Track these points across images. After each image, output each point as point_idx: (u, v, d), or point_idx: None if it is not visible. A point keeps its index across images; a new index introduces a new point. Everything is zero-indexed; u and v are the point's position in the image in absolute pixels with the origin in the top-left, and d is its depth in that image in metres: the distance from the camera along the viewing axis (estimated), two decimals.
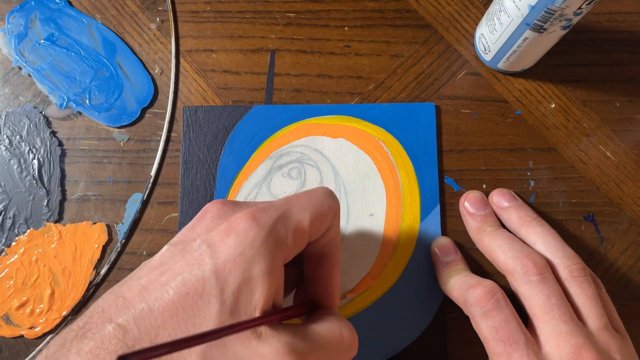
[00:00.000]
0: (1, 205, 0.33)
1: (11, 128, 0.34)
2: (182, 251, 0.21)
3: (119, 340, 0.19)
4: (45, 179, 0.34)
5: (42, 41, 0.36)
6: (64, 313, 0.32)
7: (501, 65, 0.35)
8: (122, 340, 0.19)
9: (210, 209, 0.23)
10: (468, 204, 0.33)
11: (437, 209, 0.34)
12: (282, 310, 0.22)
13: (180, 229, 0.32)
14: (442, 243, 0.32)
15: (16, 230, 0.33)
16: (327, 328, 0.23)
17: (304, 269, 0.27)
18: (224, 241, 0.21)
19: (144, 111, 0.35)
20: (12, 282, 0.32)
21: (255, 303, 0.20)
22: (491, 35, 0.33)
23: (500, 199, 0.33)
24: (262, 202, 0.24)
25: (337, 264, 0.26)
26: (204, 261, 0.21)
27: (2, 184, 0.34)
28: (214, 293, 0.20)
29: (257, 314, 0.20)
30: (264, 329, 0.20)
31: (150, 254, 0.33)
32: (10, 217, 0.33)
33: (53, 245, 0.33)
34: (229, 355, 0.20)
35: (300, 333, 0.22)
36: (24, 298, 0.32)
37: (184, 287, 0.20)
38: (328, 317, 0.24)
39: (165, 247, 0.22)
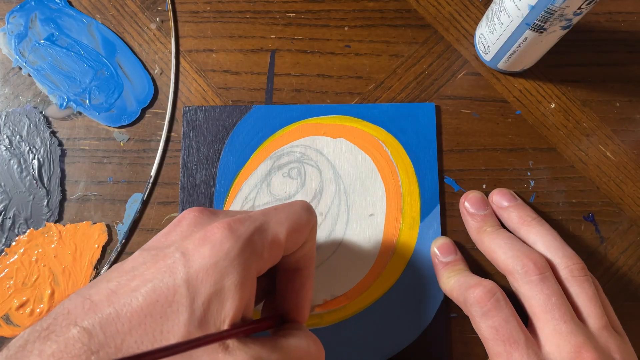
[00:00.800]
0: (1, 205, 0.33)
1: (11, 128, 0.34)
2: (155, 257, 0.21)
3: (83, 345, 0.18)
4: (45, 179, 0.34)
5: (42, 41, 0.36)
6: None
7: (501, 65, 0.35)
8: (87, 344, 0.18)
9: (187, 216, 0.23)
10: (468, 204, 0.33)
11: (437, 209, 0.34)
12: (250, 323, 0.22)
13: None
14: (442, 243, 0.32)
15: (16, 230, 0.33)
16: (295, 343, 0.23)
17: (276, 282, 0.27)
18: (198, 250, 0.21)
19: (144, 111, 0.35)
20: (12, 282, 0.32)
21: (225, 315, 0.20)
22: (491, 35, 0.33)
23: (500, 198, 0.33)
24: (241, 212, 0.24)
25: (309, 279, 0.26)
26: (176, 269, 0.20)
27: (2, 184, 0.34)
28: (184, 302, 0.20)
29: (226, 325, 0.20)
30: (232, 342, 0.20)
31: None
32: (10, 217, 0.33)
33: (53, 245, 0.33)
34: None
35: (268, 346, 0.22)
36: (24, 298, 0.32)
37: (154, 294, 0.20)
38: (296, 332, 0.24)
39: (137, 252, 0.22)
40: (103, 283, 0.20)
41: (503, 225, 0.32)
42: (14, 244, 0.33)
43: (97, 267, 0.33)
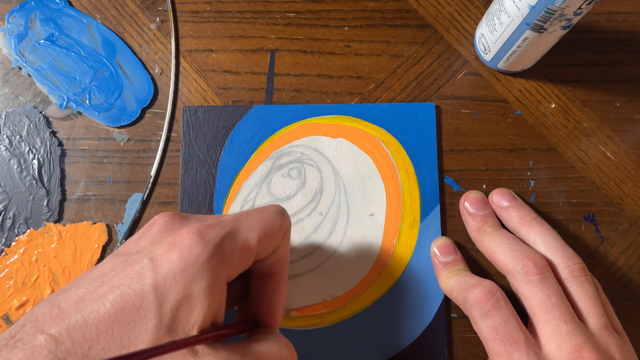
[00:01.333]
0: (1, 205, 0.33)
1: (11, 128, 0.34)
2: (124, 263, 0.21)
3: (49, 352, 0.18)
4: (45, 179, 0.34)
5: (42, 41, 0.36)
6: None
7: (501, 65, 0.35)
8: (53, 352, 0.18)
9: (157, 222, 0.23)
10: (468, 204, 0.33)
11: (437, 209, 0.34)
12: (220, 328, 0.22)
13: None
14: (442, 243, 0.32)
15: (16, 230, 0.33)
16: (266, 348, 0.23)
17: (249, 287, 0.26)
18: (166, 256, 0.21)
19: (144, 111, 0.35)
20: (12, 282, 0.32)
21: (194, 321, 0.20)
22: (491, 35, 0.33)
23: (500, 198, 0.33)
24: (213, 217, 0.24)
25: (282, 283, 0.26)
26: (144, 275, 0.20)
27: (2, 184, 0.34)
28: (152, 308, 0.20)
29: (194, 331, 0.20)
30: (201, 347, 0.20)
31: None
32: (10, 217, 0.33)
33: (53, 245, 0.33)
34: None
35: (239, 352, 0.21)
36: (24, 298, 0.32)
37: (122, 300, 0.20)
38: (268, 337, 0.24)
39: (107, 258, 0.22)
40: (72, 290, 0.20)
41: (503, 225, 0.32)
42: (14, 244, 0.33)
43: None
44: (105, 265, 0.21)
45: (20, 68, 0.35)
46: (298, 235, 0.33)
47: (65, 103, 0.35)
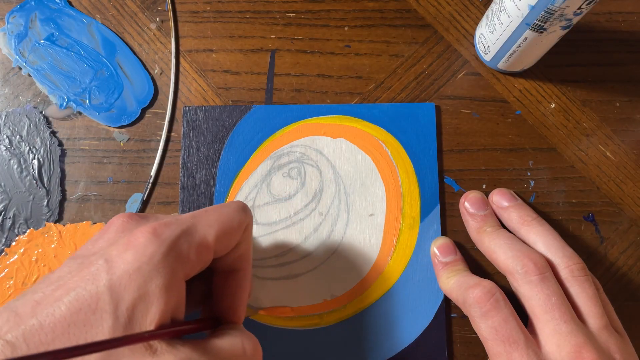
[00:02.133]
0: (1, 205, 0.33)
1: (11, 128, 0.34)
2: (80, 265, 0.21)
3: (6, 357, 0.18)
4: (45, 179, 0.34)
5: (42, 41, 0.36)
6: None
7: (501, 65, 0.35)
8: (10, 357, 0.18)
9: (114, 222, 0.23)
10: (468, 204, 0.33)
11: (437, 209, 0.34)
12: (178, 324, 0.22)
13: None
14: (442, 243, 0.32)
15: (16, 230, 0.33)
16: (229, 342, 0.23)
17: (212, 284, 0.26)
18: (121, 256, 0.21)
19: (144, 111, 0.35)
20: (12, 282, 0.32)
21: (151, 319, 0.20)
22: (491, 35, 0.33)
23: (500, 198, 0.33)
24: (171, 216, 0.24)
25: (245, 280, 0.26)
26: (99, 276, 0.20)
27: (2, 184, 0.34)
28: (107, 309, 0.20)
29: (151, 328, 0.20)
30: (159, 345, 0.20)
31: None
32: (10, 217, 0.33)
33: (53, 245, 0.33)
34: None
35: (199, 348, 0.21)
36: None
37: (77, 302, 0.20)
38: (230, 332, 0.24)
39: (65, 261, 0.22)
40: (29, 295, 0.21)
41: (503, 225, 0.32)
42: (14, 244, 0.33)
43: None
44: (63, 268, 0.22)
45: (20, 68, 0.35)
46: (298, 235, 0.33)
47: (65, 103, 0.35)
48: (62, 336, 0.19)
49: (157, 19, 0.37)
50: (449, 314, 0.33)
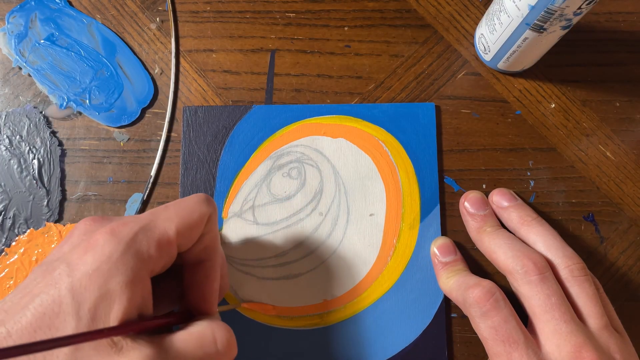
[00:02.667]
0: (1, 205, 0.33)
1: (11, 128, 0.34)
2: (44, 272, 0.21)
3: None
4: (45, 179, 0.34)
5: (42, 41, 0.36)
6: None
7: (501, 65, 0.35)
8: None
9: (78, 227, 0.23)
10: (468, 204, 0.33)
11: (437, 209, 0.34)
12: (144, 320, 0.22)
13: None
14: (442, 243, 0.32)
15: (16, 230, 0.33)
16: (198, 332, 0.23)
17: (183, 279, 0.26)
18: (81, 258, 0.21)
19: (144, 111, 0.35)
20: (12, 282, 0.32)
21: (115, 316, 0.20)
22: (491, 35, 0.33)
23: (500, 198, 0.33)
24: (133, 216, 0.24)
25: (213, 270, 0.25)
26: (61, 280, 0.21)
27: (2, 184, 0.34)
28: (70, 311, 0.20)
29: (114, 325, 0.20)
30: (125, 342, 0.20)
31: None
32: (10, 217, 0.33)
33: (53, 245, 0.33)
34: None
35: (166, 343, 0.22)
36: None
37: (41, 307, 0.20)
38: (201, 322, 0.24)
39: (32, 269, 0.23)
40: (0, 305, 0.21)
41: (503, 225, 0.32)
42: (14, 244, 0.33)
43: None
44: (30, 276, 0.22)
45: (20, 68, 0.35)
46: (298, 235, 0.33)
47: (65, 103, 0.35)
48: (29, 341, 0.19)
49: (157, 19, 0.37)
50: (449, 314, 0.33)
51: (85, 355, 0.20)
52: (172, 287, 0.27)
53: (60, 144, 0.34)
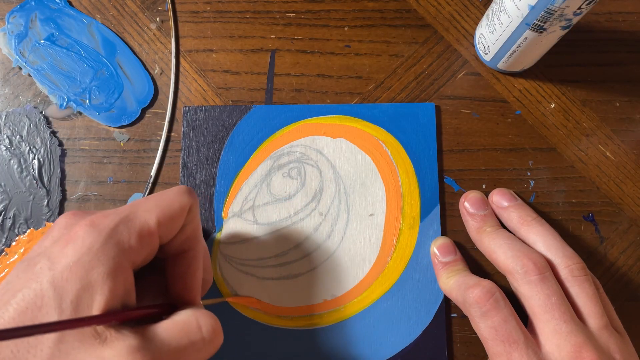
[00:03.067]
0: (1, 205, 0.33)
1: (11, 128, 0.34)
2: (26, 267, 0.21)
3: None
4: (46, 179, 0.34)
5: (42, 41, 0.36)
6: None
7: (501, 65, 0.35)
8: None
9: (58, 222, 0.23)
10: (468, 204, 0.33)
11: (437, 209, 0.34)
12: (126, 310, 0.22)
13: None
14: (442, 243, 0.32)
15: (16, 230, 0.33)
16: (182, 322, 0.23)
17: (166, 271, 0.26)
18: (62, 252, 0.21)
19: (144, 111, 0.35)
20: None
21: (97, 307, 0.20)
22: (491, 35, 0.33)
23: (500, 198, 0.33)
24: (111, 209, 0.24)
25: (195, 260, 0.25)
26: (42, 274, 0.21)
27: (2, 184, 0.34)
28: (52, 304, 0.20)
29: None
30: (109, 333, 0.20)
31: None
32: (10, 217, 0.33)
33: None
34: None
35: (150, 333, 0.22)
36: None
37: (23, 302, 0.20)
38: (184, 312, 0.24)
39: (15, 266, 0.23)
40: None
41: (503, 225, 0.32)
42: (14, 243, 0.33)
43: None
44: (12, 273, 0.22)
45: (20, 68, 0.35)
46: (298, 235, 0.33)
47: (65, 103, 0.35)
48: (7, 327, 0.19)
49: (157, 19, 0.37)
50: (449, 314, 0.33)
51: (70, 347, 0.20)
52: (156, 282, 0.27)
53: (61, 144, 0.34)
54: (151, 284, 0.26)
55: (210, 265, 0.29)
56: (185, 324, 0.23)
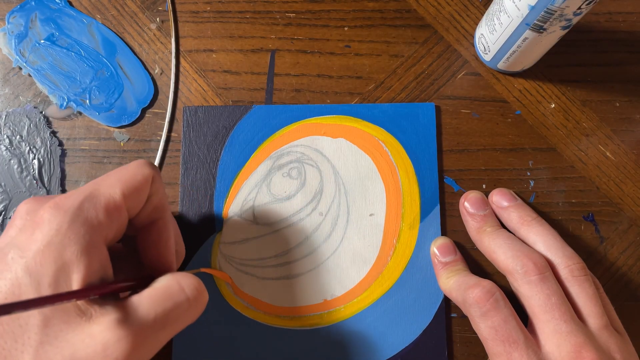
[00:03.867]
0: (1, 205, 0.33)
1: (11, 128, 0.34)
2: None
3: None
4: (46, 179, 0.34)
5: (42, 41, 0.36)
6: None
7: (501, 65, 0.35)
8: None
9: (20, 209, 0.23)
10: (468, 204, 0.33)
11: (437, 209, 0.34)
12: (103, 284, 0.22)
13: (179, 228, 0.32)
14: (442, 243, 0.32)
15: None
16: (163, 287, 0.23)
17: (138, 244, 0.26)
18: (30, 238, 0.21)
19: (144, 111, 0.35)
20: None
21: (76, 285, 0.21)
22: (491, 36, 0.33)
23: (500, 198, 0.33)
24: (73, 190, 0.24)
25: (166, 227, 0.26)
26: (15, 263, 0.21)
27: (2, 184, 0.34)
28: (30, 290, 0.20)
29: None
30: (93, 310, 0.21)
31: None
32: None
33: None
34: (62, 345, 0.20)
35: (134, 303, 0.22)
36: None
37: (1, 294, 0.20)
38: (163, 277, 0.24)
39: None
40: None
41: (503, 225, 0.32)
42: None
43: None
44: None
45: (20, 68, 0.35)
46: (298, 235, 0.33)
47: (65, 103, 0.35)
48: None
49: (157, 19, 0.37)
50: (448, 314, 0.33)
51: (57, 330, 0.20)
52: (133, 261, 0.27)
53: (61, 144, 0.34)
54: (128, 263, 0.26)
55: (181, 237, 0.29)
56: (167, 288, 0.23)
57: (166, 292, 0.23)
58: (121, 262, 0.26)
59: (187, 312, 0.23)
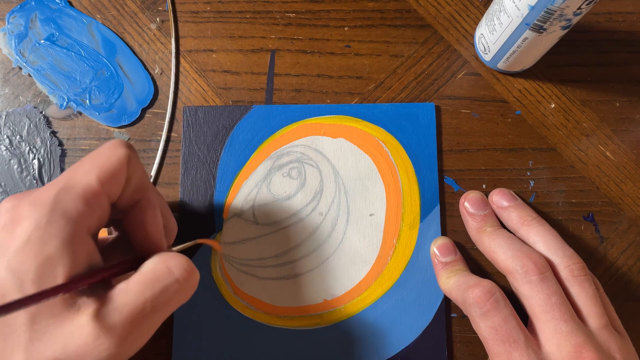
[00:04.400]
0: None
1: (11, 128, 0.34)
2: None
3: None
4: (46, 179, 0.34)
5: (42, 41, 0.36)
6: None
7: (501, 65, 0.35)
8: None
9: (0, 207, 0.23)
10: (468, 204, 0.33)
11: (437, 209, 0.34)
12: (91, 272, 0.21)
13: (179, 228, 0.32)
14: (442, 243, 0.32)
15: None
16: (150, 270, 0.22)
17: (124, 227, 0.26)
18: (10, 235, 0.21)
19: (144, 111, 0.35)
20: None
21: (61, 278, 0.20)
22: (491, 35, 0.33)
23: (500, 198, 0.33)
24: (49, 182, 0.23)
25: (149, 207, 0.25)
26: None
27: (2, 184, 0.34)
28: (14, 288, 0.20)
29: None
30: (81, 301, 0.20)
31: None
32: None
33: None
34: (52, 340, 0.20)
35: (122, 289, 0.21)
36: None
37: None
38: (150, 260, 0.23)
39: None
40: None
41: (503, 225, 0.32)
42: None
43: None
44: None
45: (20, 68, 0.35)
46: (298, 235, 0.33)
47: (65, 103, 0.35)
48: None
49: (157, 19, 0.37)
50: (449, 314, 0.33)
51: (45, 326, 0.20)
52: (128, 244, 0.26)
53: (61, 144, 0.34)
54: (122, 248, 0.26)
55: (171, 214, 0.29)
56: (154, 271, 0.22)
57: (154, 276, 0.22)
58: (116, 248, 0.26)
59: (177, 293, 0.22)
